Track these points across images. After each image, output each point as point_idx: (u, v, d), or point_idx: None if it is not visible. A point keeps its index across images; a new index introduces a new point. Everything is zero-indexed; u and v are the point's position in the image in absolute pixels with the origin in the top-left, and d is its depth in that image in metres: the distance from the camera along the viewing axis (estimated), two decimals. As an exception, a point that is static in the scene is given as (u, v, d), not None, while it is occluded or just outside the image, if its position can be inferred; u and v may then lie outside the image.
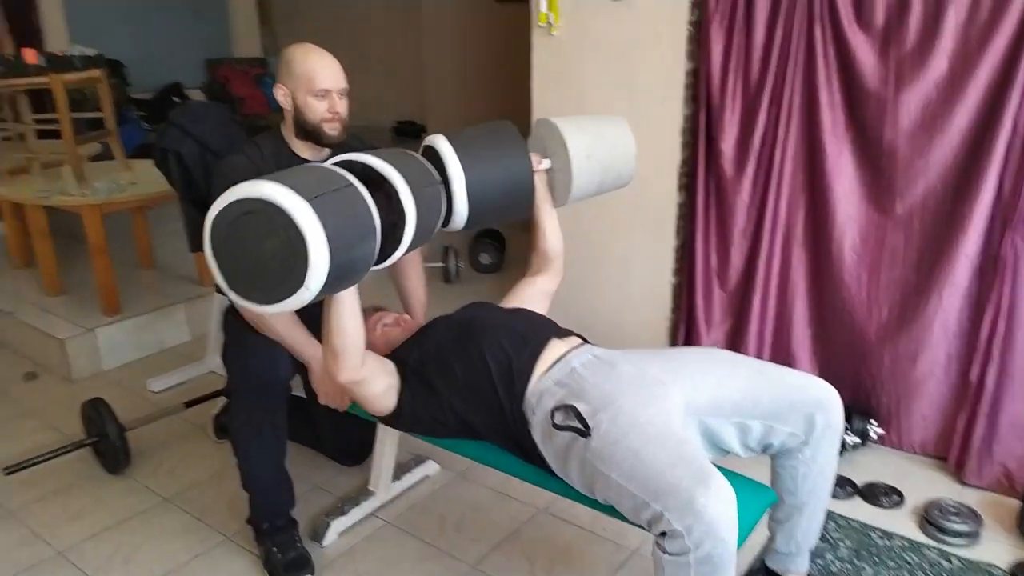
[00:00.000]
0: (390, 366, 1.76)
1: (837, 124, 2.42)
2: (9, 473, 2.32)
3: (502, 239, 4.23)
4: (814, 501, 1.69)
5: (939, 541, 2.09)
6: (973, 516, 2.14)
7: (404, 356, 1.80)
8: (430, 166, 1.76)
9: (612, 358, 1.70)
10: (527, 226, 2.10)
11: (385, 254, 1.56)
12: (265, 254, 1.33)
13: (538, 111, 2.99)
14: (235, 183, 1.91)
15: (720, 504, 1.30)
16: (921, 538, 2.12)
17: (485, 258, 4.15)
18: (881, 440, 2.50)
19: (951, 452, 2.38)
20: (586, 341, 1.81)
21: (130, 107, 6.34)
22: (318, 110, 1.93)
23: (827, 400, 1.63)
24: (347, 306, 1.55)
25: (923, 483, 2.34)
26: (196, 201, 2.30)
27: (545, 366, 1.67)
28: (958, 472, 2.36)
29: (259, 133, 2.07)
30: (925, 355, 2.39)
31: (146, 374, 3.08)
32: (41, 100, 3.46)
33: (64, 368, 3.09)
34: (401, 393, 1.75)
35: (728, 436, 1.63)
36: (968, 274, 2.29)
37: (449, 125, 7.81)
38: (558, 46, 2.87)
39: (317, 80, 1.91)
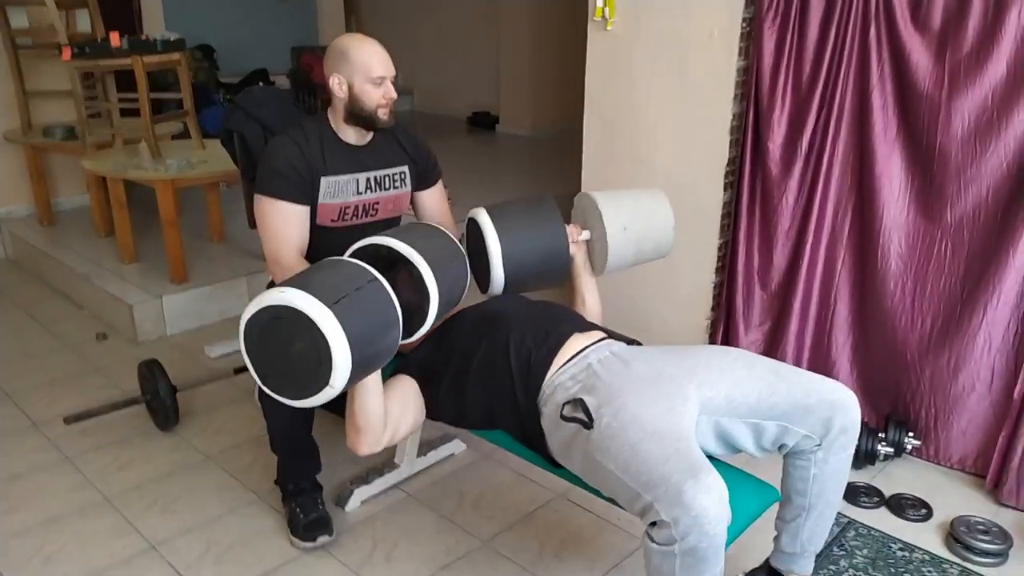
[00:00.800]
0: (411, 392, 1.80)
1: (888, 127, 2.37)
2: (68, 423, 2.51)
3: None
4: (822, 504, 1.67)
5: (963, 559, 2.03)
6: (1003, 536, 2.07)
7: (428, 347, 1.87)
8: (456, 241, 1.88)
9: (629, 355, 1.72)
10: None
11: (411, 330, 1.67)
12: (293, 356, 1.44)
13: (590, 105, 3.02)
14: (277, 163, 2.04)
15: (707, 498, 1.31)
16: (945, 554, 2.06)
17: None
18: (917, 453, 2.44)
19: (990, 470, 2.30)
20: (610, 335, 1.84)
21: (219, 90, 6.63)
22: (374, 96, 2.02)
23: (844, 403, 1.61)
24: (370, 388, 1.62)
25: (956, 499, 2.27)
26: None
27: (563, 360, 1.71)
28: (995, 491, 2.28)
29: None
30: (967, 368, 2.32)
31: (205, 341, 3.26)
32: (128, 81, 3.68)
33: (131, 331, 3.29)
34: (427, 395, 1.81)
35: (742, 436, 1.64)
36: (1017, 287, 2.21)
37: (522, 116, 7.87)
38: (612, 41, 2.88)
39: (374, 68, 2.00)
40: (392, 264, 1.65)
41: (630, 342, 1.86)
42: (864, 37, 2.33)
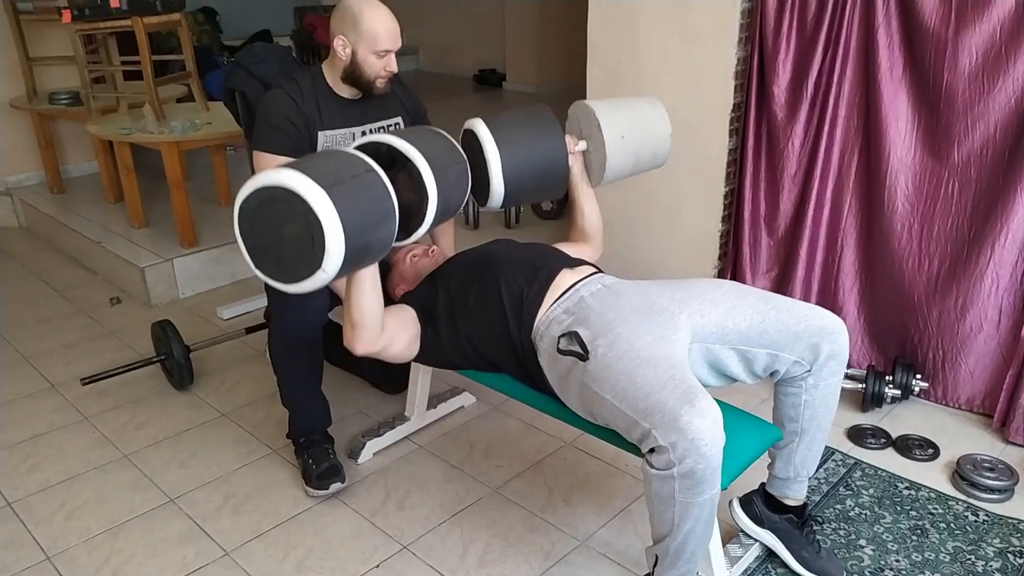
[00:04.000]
0: (410, 317, 1.83)
1: (895, 66, 2.33)
2: (85, 384, 2.55)
3: (565, 186, 4.24)
4: (814, 429, 1.70)
5: (968, 495, 2.05)
6: (1009, 472, 2.08)
7: (425, 290, 1.89)
8: (458, 146, 1.85)
9: (621, 288, 1.74)
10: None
11: (409, 230, 1.66)
12: (286, 238, 1.43)
13: (593, 54, 2.98)
14: (272, 118, 2.03)
15: (703, 422, 1.33)
16: (951, 491, 2.08)
17: (547, 204, 4.18)
18: (925, 395, 2.44)
19: (997, 409, 2.30)
20: (599, 270, 1.86)
21: (222, 53, 6.60)
22: (376, 67, 2.01)
23: (832, 330, 1.63)
24: (367, 283, 1.63)
25: (963, 439, 2.28)
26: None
27: (555, 296, 1.73)
28: (1002, 430, 2.29)
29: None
30: (975, 309, 2.31)
31: (217, 303, 3.29)
32: (131, 44, 3.67)
33: (144, 295, 3.33)
34: (423, 332, 1.84)
35: (733, 364, 1.67)
36: (1025, 226, 2.19)
37: (529, 72, 7.79)
38: (615, -13, 2.84)
39: (381, 42, 1.97)
40: (392, 162, 1.62)
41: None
42: (869, -26, 2.29)
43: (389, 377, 2.53)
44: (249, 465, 2.27)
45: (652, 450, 1.39)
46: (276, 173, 1.42)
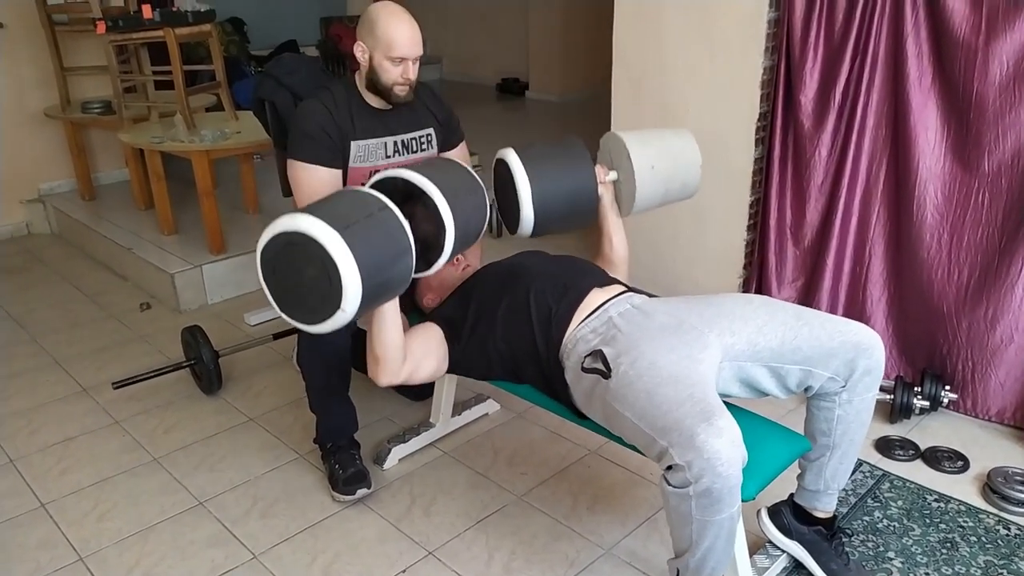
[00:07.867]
0: (435, 339, 1.84)
1: (924, 75, 2.31)
2: (116, 388, 2.60)
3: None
4: (846, 443, 1.69)
5: (1000, 508, 2.03)
6: (1040, 486, 2.05)
7: (453, 304, 1.90)
8: (474, 174, 1.88)
9: (650, 308, 1.73)
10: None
11: (429, 261, 1.70)
12: (305, 280, 1.48)
13: (618, 63, 3.00)
14: (308, 127, 2.06)
15: (719, 441, 1.32)
16: (981, 504, 2.05)
17: (570, 212, 4.18)
18: (954, 406, 2.42)
19: (1028, 422, 2.28)
20: (629, 289, 1.85)
21: (250, 63, 6.69)
22: (392, 74, 2.03)
23: (868, 345, 1.61)
24: (388, 319, 1.67)
25: (993, 451, 2.26)
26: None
27: (584, 314, 1.73)
28: (1033, 443, 2.26)
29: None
30: (1005, 320, 2.29)
31: (245, 309, 3.33)
32: (162, 54, 3.74)
33: (173, 300, 3.38)
34: (451, 350, 1.85)
35: (765, 380, 1.65)
36: (1057, 236, 2.17)
37: (552, 81, 7.81)
38: (640, -4, 2.85)
39: (396, 48, 2.00)
40: (408, 196, 1.66)
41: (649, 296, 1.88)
42: (898, -17, 2.28)
43: (413, 385, 2.54)
44: (277, 469, 2.29)
45: (670, 467, 1.39)
46: (291, 218, 1.47)
